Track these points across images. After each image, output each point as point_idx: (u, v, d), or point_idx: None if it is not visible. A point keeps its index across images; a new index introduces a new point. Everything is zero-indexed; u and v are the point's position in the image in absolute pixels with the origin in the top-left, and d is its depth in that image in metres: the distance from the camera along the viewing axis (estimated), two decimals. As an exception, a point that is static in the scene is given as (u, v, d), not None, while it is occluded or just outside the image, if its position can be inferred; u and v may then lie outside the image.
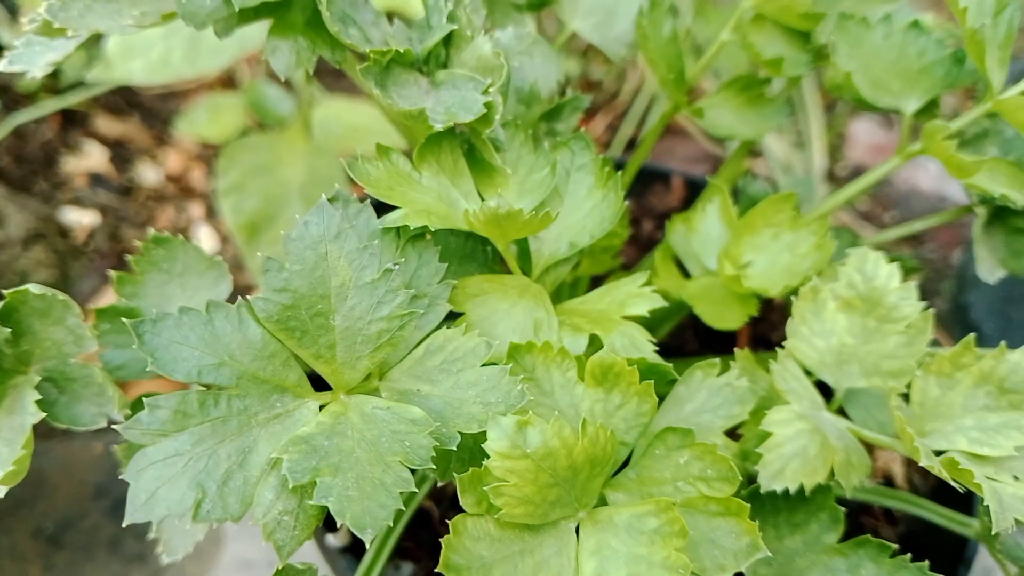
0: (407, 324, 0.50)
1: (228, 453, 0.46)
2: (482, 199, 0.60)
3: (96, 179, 1.55)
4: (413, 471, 0.46)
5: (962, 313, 1.37)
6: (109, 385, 0.60)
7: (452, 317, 0.57)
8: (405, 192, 0.56)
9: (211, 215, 1.53)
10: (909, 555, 0.57)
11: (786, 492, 0.55)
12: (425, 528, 0.81)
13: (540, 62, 0.68)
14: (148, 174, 1.57)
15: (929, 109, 0.75)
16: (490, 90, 0.55)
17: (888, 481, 0.93)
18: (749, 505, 0.50)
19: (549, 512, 0.49)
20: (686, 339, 0.98)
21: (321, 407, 0.51)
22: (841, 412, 0.65)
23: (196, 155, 1.60)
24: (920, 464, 0.52)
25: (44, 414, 0.57)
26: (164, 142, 1.61)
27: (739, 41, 0.76)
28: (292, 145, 1.15)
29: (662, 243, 0.77)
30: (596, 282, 0.88)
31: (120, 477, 0.45)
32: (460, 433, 0.49)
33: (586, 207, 0.62)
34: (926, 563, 0.56)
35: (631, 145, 1.60)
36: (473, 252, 0.62)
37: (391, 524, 0.45)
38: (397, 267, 0.50)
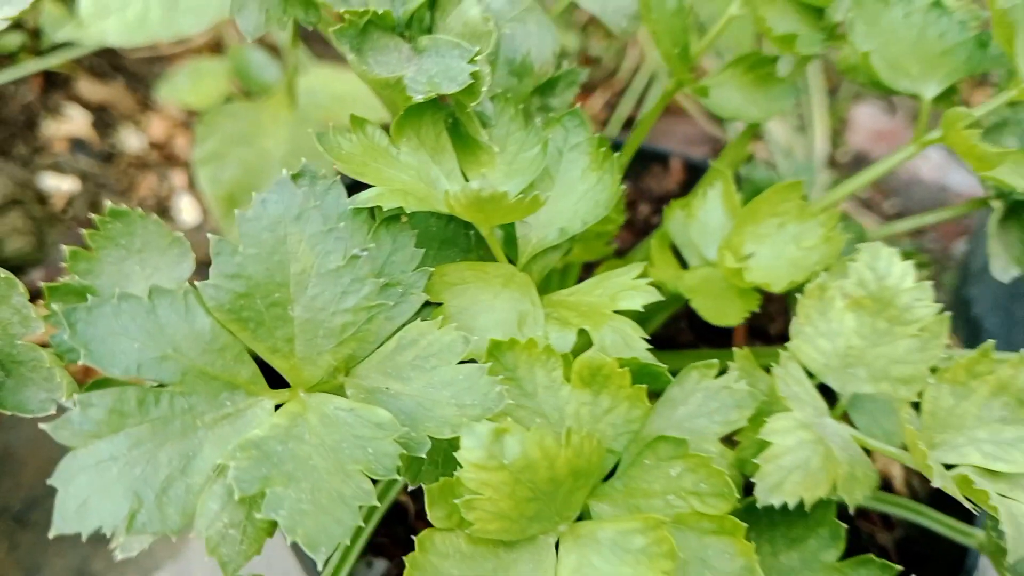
0: (375, 317, 0.45)
1: (169, 458, 0.41)
2: (466, 178, 0.55)
3: (77, 144, 1.49)
4: (375, 481, 0.41)
5: (964, 308, 1.32)
6: (58, 370, 0.55)
7: (430, 307, 0.52)
8: (381, 169, 0.51)
9: (193, 184, 1.48)
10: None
11: (784, 506, 0.51)
12: (401, 523, 0.77)
13: (534, 30, 0.62)
14: (131, 140, 1.51)
15: (948, 95, 0.70)
16: (477, 59, 0.50)
17: (886, 484, 0.89)
18: (745, 525, 0.46)
19: (526, 527, 0.45)
20: (680, 329, 0.94)
21: (277, 407, 0.46)
22: (844, 418, 0.61)
23: (181, 122, 1.55)
24: (932, 483, 0.48)
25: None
26: (148, 108, 1.55)
27: (748, 15, 0.71)
28: (275, 114, 1.09)
29: (658, 230, 0.72)
30: (588, 268, 0.83)
31: (47, 482, 0.41)
32: (432, 438, 0.44)
33: (579, 190, 0.57)
34: (932, 585, 0.52)
35: (629, 124, 1.55)
36: (455, 236, 0.57)
37: (348, 543, 0.40)
38: (365, 253, 0.45)
